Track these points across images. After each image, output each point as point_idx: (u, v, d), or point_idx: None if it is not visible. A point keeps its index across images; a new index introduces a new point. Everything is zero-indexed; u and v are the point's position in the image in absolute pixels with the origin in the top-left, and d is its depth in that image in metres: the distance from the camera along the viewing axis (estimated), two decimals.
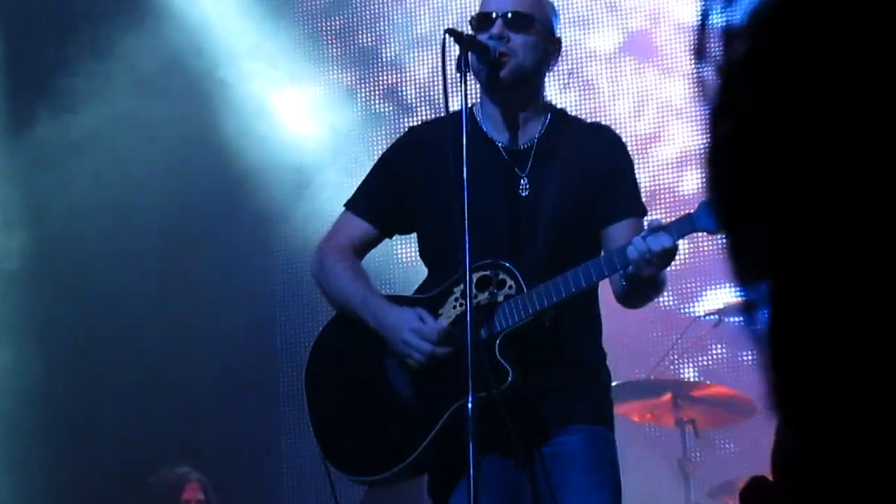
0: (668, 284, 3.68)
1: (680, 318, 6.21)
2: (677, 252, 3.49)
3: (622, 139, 3.83)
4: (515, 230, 3.63)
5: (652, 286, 3.55)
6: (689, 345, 5.94)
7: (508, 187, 3.65)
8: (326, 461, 3.69)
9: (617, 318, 3.99)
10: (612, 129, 3.91)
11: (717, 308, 5.74)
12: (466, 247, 3.39)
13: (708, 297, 6.27)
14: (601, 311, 3.74)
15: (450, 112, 3.60)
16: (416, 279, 3.82)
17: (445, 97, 3.55)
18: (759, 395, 0.72)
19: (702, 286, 6.36)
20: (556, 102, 3.87)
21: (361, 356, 3.70)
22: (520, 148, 3.70)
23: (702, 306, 6.26)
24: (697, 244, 6.19)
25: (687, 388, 5.55)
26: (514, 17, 3.63)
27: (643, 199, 3.79)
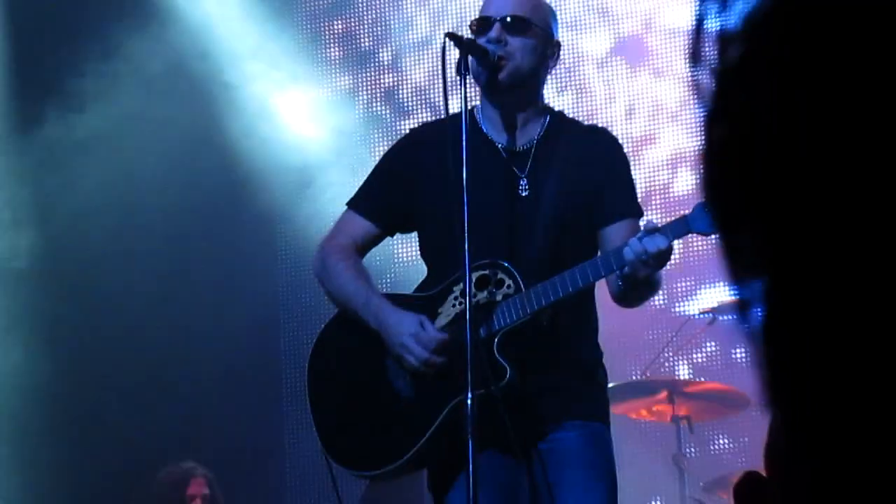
0: (663, 284, 3.71)
1: (673, 318, 6.25)
2: (672, 253, 3.51)
3: (619, 141, 3.85)
4: (514, 230, 3.65)
5: (647, 286, 3.58)
6: (682, 343, 5.98)
7: (508, 188, 3.68)
8: (328, 456, 3.72)
9: (611, 317, 4.03)
10: (610, 131, 3.94)
11: (712, 306, 5.79)
12: (466, 246, 3.42)
13: (700, 296, 6.30)
14: (598, 312, 3.77)
15: (450, 114, 3.62)
16: (415, 278, 3.85)
17: (445, 100, 3.57)
18: (752, 391, 0.76)
19: (694, 286, 6.39)
20: (552, 105, 3.89)
21: (363, 354, 3.73)
22: (519, 149, 3.73)
23: (694, 306, 6.30)
24: (689, 245, 6.20)
25: (682, 385, 5.59)
26: (511, 20, 3.67)
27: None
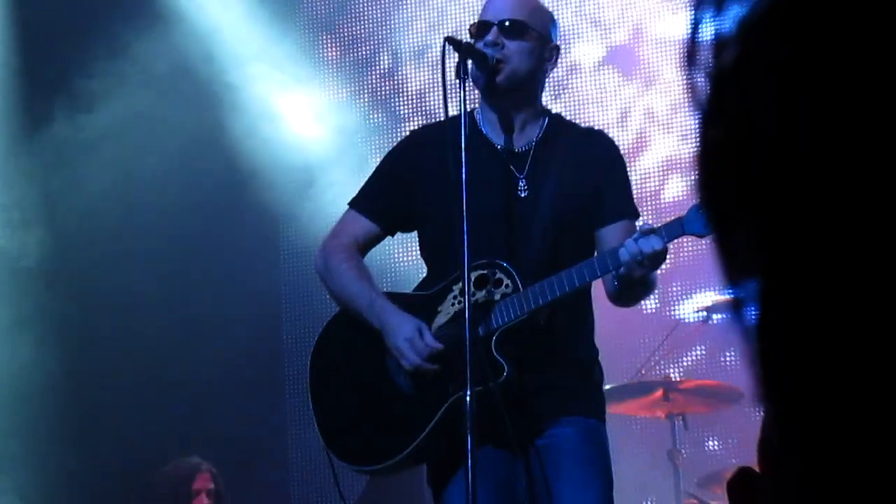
0: (658, 284, 3.75)
1: (664, 322, 6.31)
2: (667, 254, 3.55)
3: (616, 144, 3.89)
4: (513, 231, 3.69)
5: (643, 286, 3.62)
6: (672, 346, 6.05)
7: (507, 189, 3.72)
8: (329, 452, 3.75)
9: (603, 320, 4.08)
10: (607, 133, 3.97)
11: (706, 305, 5.86)
12: (465, 246, 3.46)
13: (690, 301, 6.35)
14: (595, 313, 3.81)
15: (451, 116, 3.66)
16: (415, 278, 3.89)
17: (445, 102, 3.60)
18: (744, 386, 0.79)
19: (684, 290, 6.45)
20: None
21: (364, 352, 3.76)
22: (518, 151, 3.76)
23: (684, 309, 6.38)
24: (680, 248, 6.27)
25: (676, 383, 5.64)
26: (509, 24, 3.71)
27: None
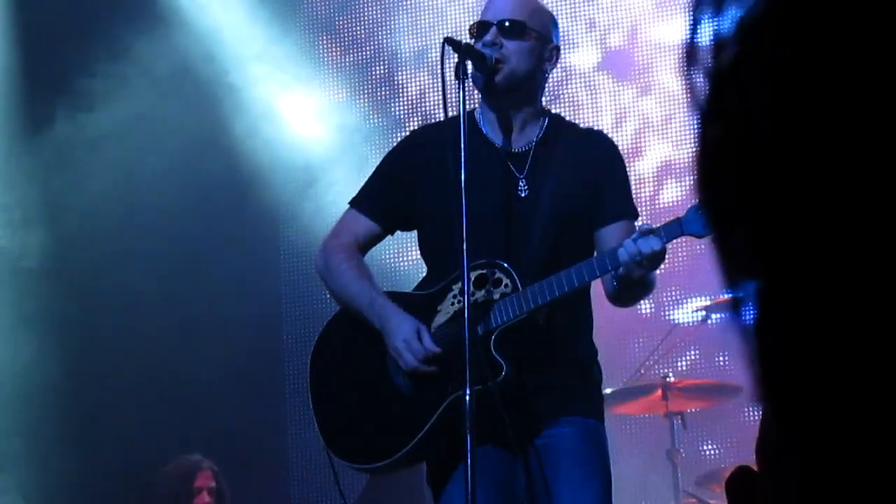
0: (657, 285, 3.74)
1: (659, 325, 6.35)
2: (665, 255, 3.55)
3: (616, 144, 3.90)
4: (513, 230, 3.69)
5: (642, 286, 3.62)
6: (667, 349, 6.07)
7: (507, 188, 3.72)
8: (329, 450, 3.76)
9: (605, 321, 4.08)
10: (606, 134, 3.98)
11: (705, 305, 5.88)
12: (464, 246, 3.46)
13: (688, 303, 6.38)
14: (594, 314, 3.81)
15: (450, 116, 3.66)
16: (415, 278, 3.89)
17: (445, 102, 3.60)
18: (741, 382, 0.78)
19: (682, 293, 6.48)
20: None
21: (364, 351, 3.77)
22: (518, 151, 3.77)
23: (681, 312, 6.41)
24: (676, 252, 6.29)
25: (675, 383, 5.67)
26: (508, 24, 3.72)
27: None
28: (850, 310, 0.66)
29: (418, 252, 3.92)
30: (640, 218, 3.87)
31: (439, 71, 3.62)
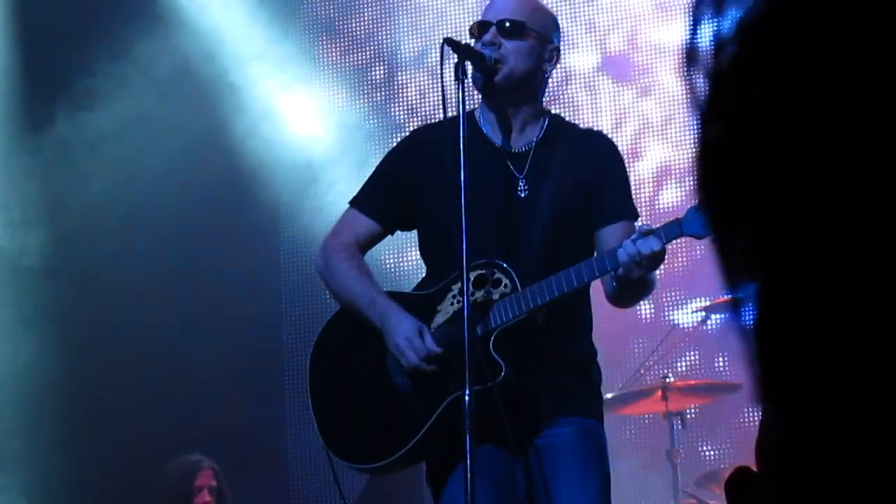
0: (657, 285, 3.75)
1: (659, 326, 6.36)
2: (665, 255, 3.55)
3: (616, 145, 3.90)
4: (513, 231, 3.69)
5: (641, 287, 3.62)
6: (666, 351, 6.08)
7: (507, 189, 3.72)
8: (328, 450, 3.76)
9: (604, 322, 4.08)
10: (606, 134, 3.98)
11: (704, 305, 5.89)
12: (464, 246, 3.46)
13: (687, 306, 6.40)
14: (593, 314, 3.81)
15: (450, 116, 3.65)
16: (415, 278, 3.90)
17: (444, 102, 3.60)
18: (740, 379, 0.78)
19: (681, 296, 6.48)
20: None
21: (364, 351, 3.77)
22: (518, 151, 3.77)
23: (680, 314, 6.42)
24: (676, 252, 6.30)
25: (674, 384, 5.68)
26: (508, 24, 3.72)
27: None
28: (849, 310, 0.66)
29: (418, 252, 3.92)
30: (639, 219, 3.87)
31: (439, 71, 3.62)
